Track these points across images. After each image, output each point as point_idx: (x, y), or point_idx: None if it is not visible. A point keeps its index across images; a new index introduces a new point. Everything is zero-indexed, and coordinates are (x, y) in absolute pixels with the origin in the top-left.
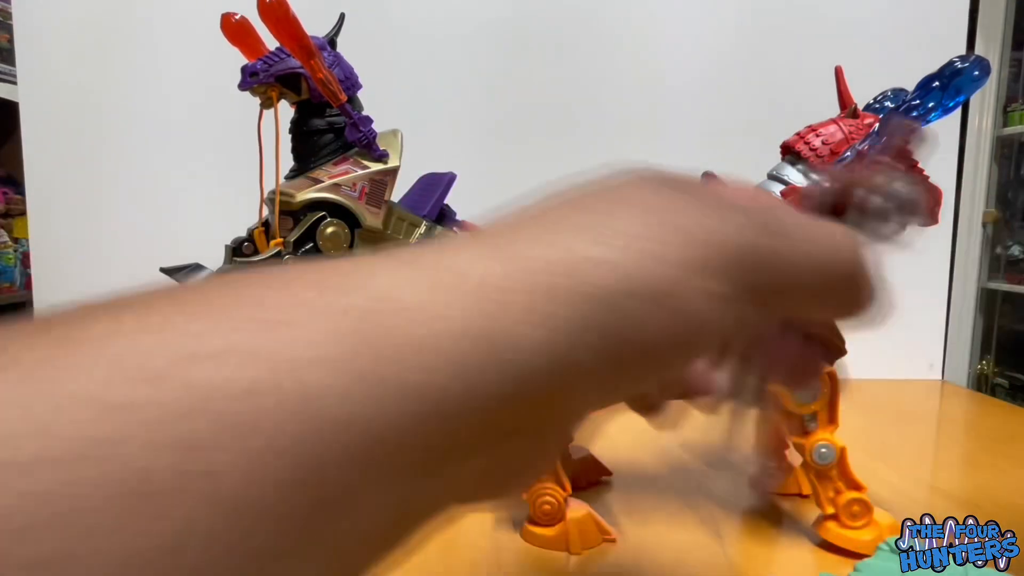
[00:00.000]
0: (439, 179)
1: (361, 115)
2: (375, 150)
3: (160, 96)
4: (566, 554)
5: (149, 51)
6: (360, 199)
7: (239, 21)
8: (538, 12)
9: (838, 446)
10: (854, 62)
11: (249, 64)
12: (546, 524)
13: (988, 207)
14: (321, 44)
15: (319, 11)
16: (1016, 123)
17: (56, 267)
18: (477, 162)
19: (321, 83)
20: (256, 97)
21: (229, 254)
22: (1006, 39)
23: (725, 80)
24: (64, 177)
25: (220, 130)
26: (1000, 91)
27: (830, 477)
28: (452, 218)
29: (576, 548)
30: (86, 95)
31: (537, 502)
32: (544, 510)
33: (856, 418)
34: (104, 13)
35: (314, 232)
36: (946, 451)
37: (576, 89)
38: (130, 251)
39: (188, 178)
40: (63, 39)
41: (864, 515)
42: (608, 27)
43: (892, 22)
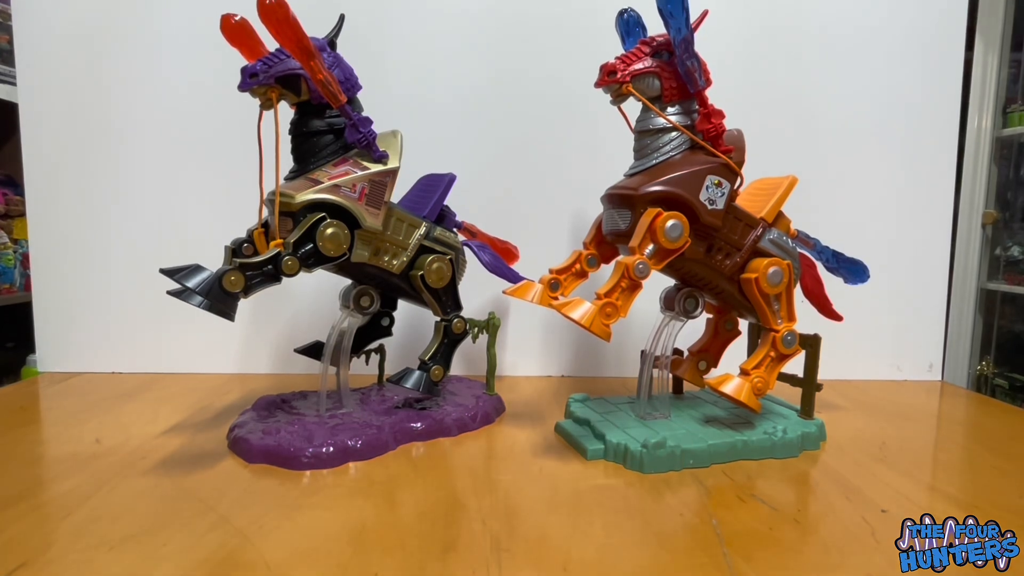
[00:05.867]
0: (439, 180)
1: (361, 116)
2: (375, 151)
3: (159, 97)
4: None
5: (148, 53)
6: (360, 200)
7: (239, 22)
8: (539, 15)
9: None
10: (855, 63)
11: (249, 65)
12: None
13: (988, 208)
14: (321, 45)
15: (319, 13)
16: (1015, 124)
17: (55, 268)
18: (477, 163)
19: (321, 84)
20: (256, 98)
21: (229, 255)
22: (1005, 40)
23: (726, 90)
24: (63, 178)
25: (220, 131)
26: (999, 92)
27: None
28: (452, 219)
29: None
30: (85, 97)
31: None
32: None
33: (856, 418)
34: (103, 15)
35: (314, 233)
36: (946, 452)
37: (576, 92)
38: (129, 252)
39: (187, 179)
40: (62, 41)
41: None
42: (610, 30)
43: (892, 24)
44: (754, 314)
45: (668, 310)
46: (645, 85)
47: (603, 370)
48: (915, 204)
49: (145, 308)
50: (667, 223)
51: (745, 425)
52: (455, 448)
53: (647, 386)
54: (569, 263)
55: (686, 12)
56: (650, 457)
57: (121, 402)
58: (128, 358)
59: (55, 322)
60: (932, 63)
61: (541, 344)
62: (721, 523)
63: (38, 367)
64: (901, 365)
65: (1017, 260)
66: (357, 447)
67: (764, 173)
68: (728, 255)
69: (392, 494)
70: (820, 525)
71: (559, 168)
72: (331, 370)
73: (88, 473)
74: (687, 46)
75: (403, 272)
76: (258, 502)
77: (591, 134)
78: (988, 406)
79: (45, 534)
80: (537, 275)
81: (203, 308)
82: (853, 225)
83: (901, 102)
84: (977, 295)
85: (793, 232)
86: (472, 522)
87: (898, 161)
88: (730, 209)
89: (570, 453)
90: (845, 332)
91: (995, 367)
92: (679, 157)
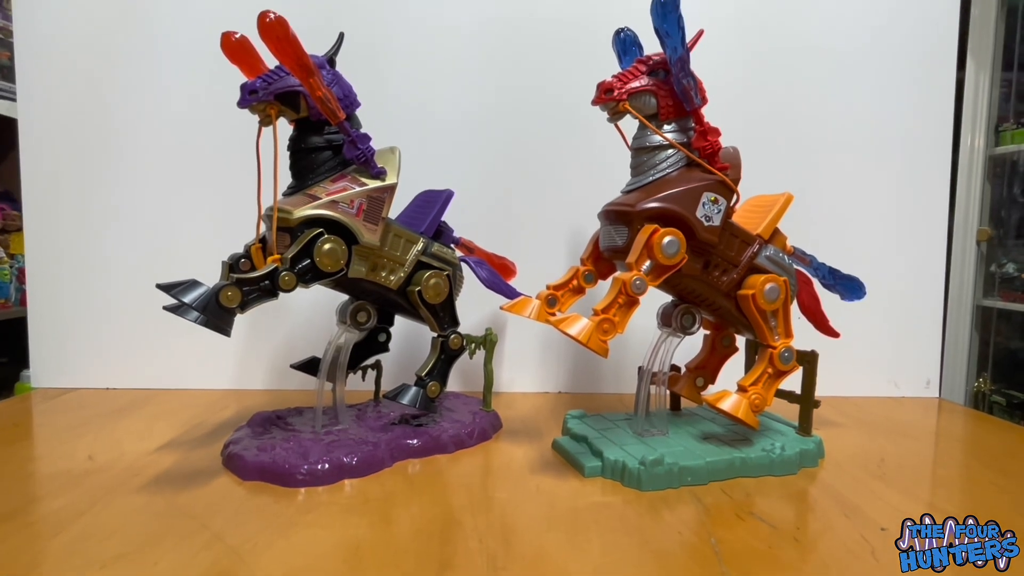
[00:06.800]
0: (436, 196)
1: (359, 133)
2: (373, 167)
3: (158, 113)
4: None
5: (148, 70)
6: (358, 216)
7: (240, 40)
8: (536, 32)
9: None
10: (848, 83)
11: (249, 82)
12: None
13: (982, 225)
14: (320, 63)
15: (319, 30)
16: (1008, 143)
17: (52, 283)
18: (475, 179)
19: (320, 101)
20: (255, 114)
21: (226, 270)
22: (996, 60)
23: (721, 109)
24: (61, 194)
25: (218, 147)
26: (991, 111)
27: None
28: (449, 235)
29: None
30: (84, 112)
31: None
32: None
33: (854, 435)
34: (103, 33)
35: (311, 248)
36: (944, 468)
37: (574, 108)
38: (126, 268)
39: (185, 195)
40: (63, 58)
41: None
42: (608, 47)
43: (884, 44)
44: (751, 330)
45: (665, 326)
46: (642, 103)
47: (601, 386)
48: (910, 221)
49: (141, 324)
50: (664, 239)
51: (743, 442)
52: (451, 465)
53: (645, 403)
54: (566, 279)
55: (682, 32)
56: (648, 474)
57: (115, 418)
58: (123, 374)
59: (50, 337)
60: (924, 83)
61: (538, 360)
62: (720, 541)
63: (32, 383)
64: (898, 382)
65: (1012, 277)
66: (353, 464)
67: (760, 190)
68: (725, 271)
69: (388, 512)
70: (819, 543)
71: (556, 185)
72: (327, 386)
73: (80, 490)
74: (683, 65)
75: (400, 288)
76: (252, 520)
77: (588, 151)
78: (985, 423)
79: (35, 552)
80: (534, 291)
81: (199, 323)
82: (849, 242)
83: (894, 121)
84: (973, 312)
85: (789, 249)
86: (468, 540)
87: (892, 179)
88: (726, 226)
89: (567, 470)
90: (842, 349)
91: (992, 384)
92: (676, 174)
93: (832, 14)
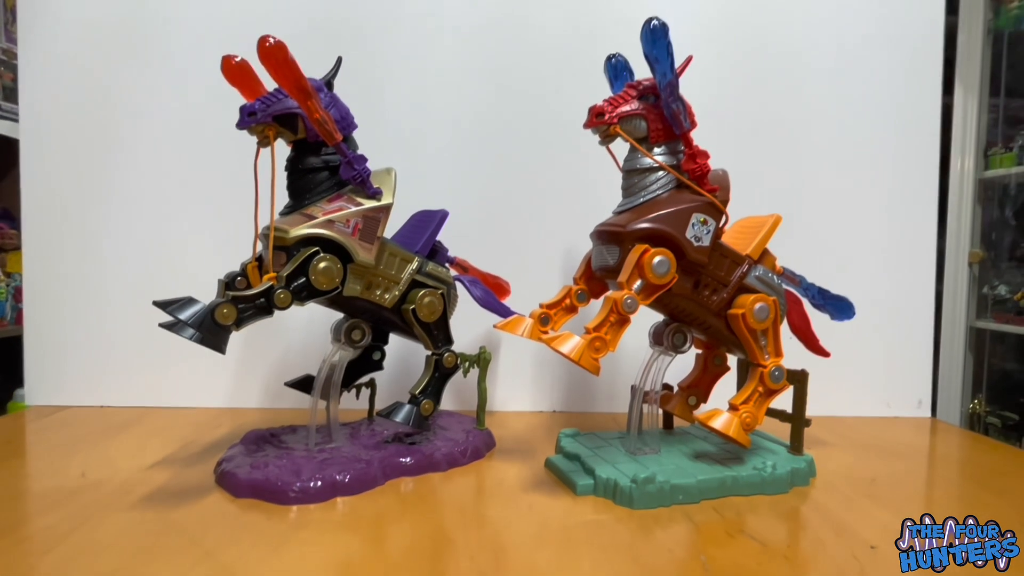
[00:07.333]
0: (431, 216)
1: (356, 154)
2: (369, 188)
3: (156, 134)
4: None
5: (146, 91)
6: (353, 235)
7: (239, 63)
8: (530, 53)
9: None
10: (835, 107)
11: (248, 104)
12: None
13: (973, 247)
14: (318, 86)
15: (317, 54)
16: (996, 166)
17: (49, 302)
18: (469, 200)
19: (317, 123)
20: (254, 136)
21: (222, 288)
22: (983, 86)
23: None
24: (60, 213)
25: (215, 167)
26: (980, 136)
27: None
28: (444, 254)
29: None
30: (86, 133)
31: None
32: None
33: (846, 455)
34: (105, 56)
35: (307, 267)
36: (936, 488)
37: (568, 128)
38: (123, 286)
39: (182, 214)
40: (65, 79)
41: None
42: (601, 65)
43: (871, 71)
44: (742, 349)
45: (657, 345)
46: (632, 127)
47: (594, 405)
48: (899, 242)
49: (137, 342)
50: (654, 259)
51: (735, 461)
52: (444, 483)
53: (637, 421)
54: (559, 298)
55: (671, 58)
56: (639, 493)
57: (109, 436)
58: (118, 392)
59: (46, 355)
60: (910, 107)
61: (532, 379)
62: (710, 560)
63: (26, 401)
64: (890, 402)
65: (1005, 299)
66: (345, 482)
67: (749, 212)
68: (715, 291)
69: (380, 529)
70: (810, 562)
71: (549, 205)
72: (321, 404)
73: (73, 507)
74: (672, 90)
75: (395, 306)
76: (244, 537)
77: (581, 173)
78: (977, 442)
79: (28, 568)
80: (528, 310)
81: (195, 341)
82: (838, 263)
83: (882, 144)
84: (967, 333)
85: (779, 269)
86: (460, 558)
87: (881, 201)
88: (716, 246)
89: (560, 488)
90: (834, 369)
91: (987, 405)
92: (666, 196)
93: (818, 39)
